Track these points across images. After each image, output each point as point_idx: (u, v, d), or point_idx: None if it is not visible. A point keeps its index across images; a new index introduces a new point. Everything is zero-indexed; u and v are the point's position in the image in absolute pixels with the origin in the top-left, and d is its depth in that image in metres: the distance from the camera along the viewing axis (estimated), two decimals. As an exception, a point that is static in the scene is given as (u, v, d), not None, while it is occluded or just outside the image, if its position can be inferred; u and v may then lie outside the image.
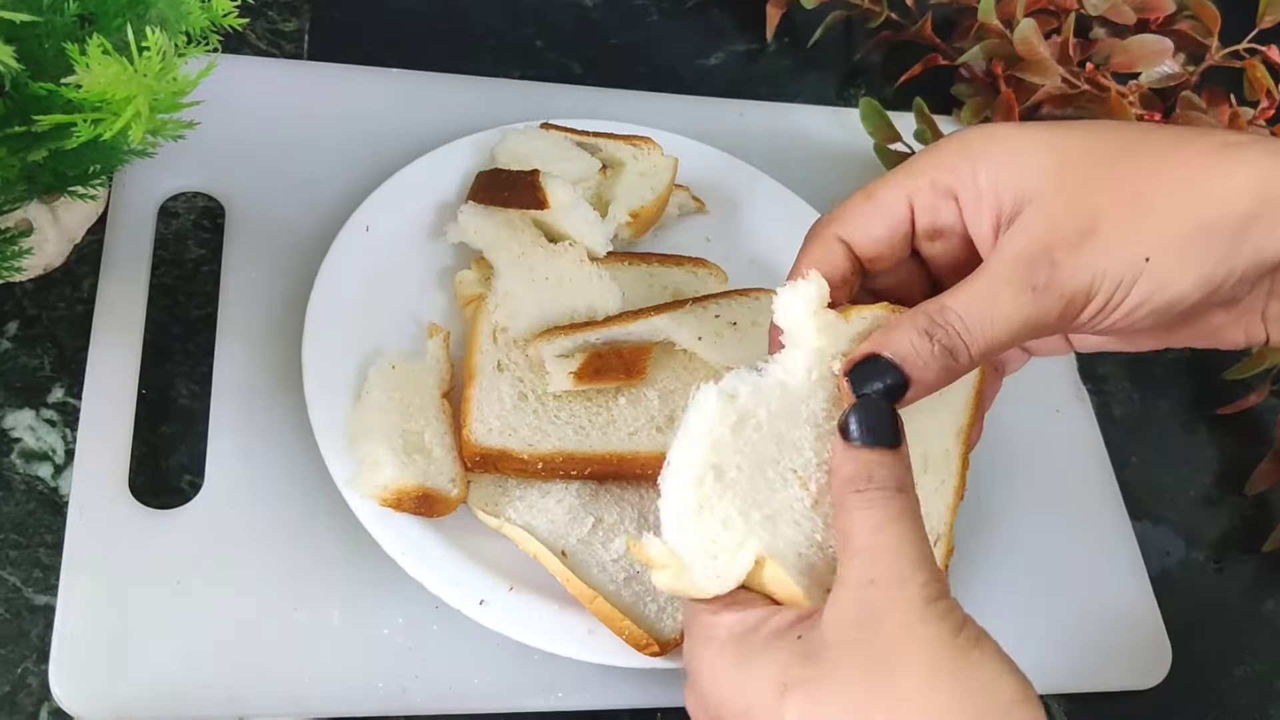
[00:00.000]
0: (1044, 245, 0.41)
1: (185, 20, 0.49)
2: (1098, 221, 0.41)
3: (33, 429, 0.57)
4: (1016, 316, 0.41)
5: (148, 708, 0.50)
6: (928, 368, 0.42)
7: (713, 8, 0.86)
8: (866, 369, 0.42)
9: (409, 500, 0.53)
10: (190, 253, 0.64)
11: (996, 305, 0.41)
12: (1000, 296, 0.41)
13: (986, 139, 0.44)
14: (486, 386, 0.58)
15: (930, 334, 0.42)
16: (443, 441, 0.56)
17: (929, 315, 0.42)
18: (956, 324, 0.42)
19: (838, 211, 0.47)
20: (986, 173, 0.43)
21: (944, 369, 0.42)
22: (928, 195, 0.45)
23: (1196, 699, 0.66)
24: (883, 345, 0.42)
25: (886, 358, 0.42)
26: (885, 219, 0.46)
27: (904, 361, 0.42)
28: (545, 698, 0.55)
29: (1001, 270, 0.42)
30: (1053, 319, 0.41)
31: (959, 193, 0.44)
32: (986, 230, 0.44)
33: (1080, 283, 0.41)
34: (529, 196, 0.62)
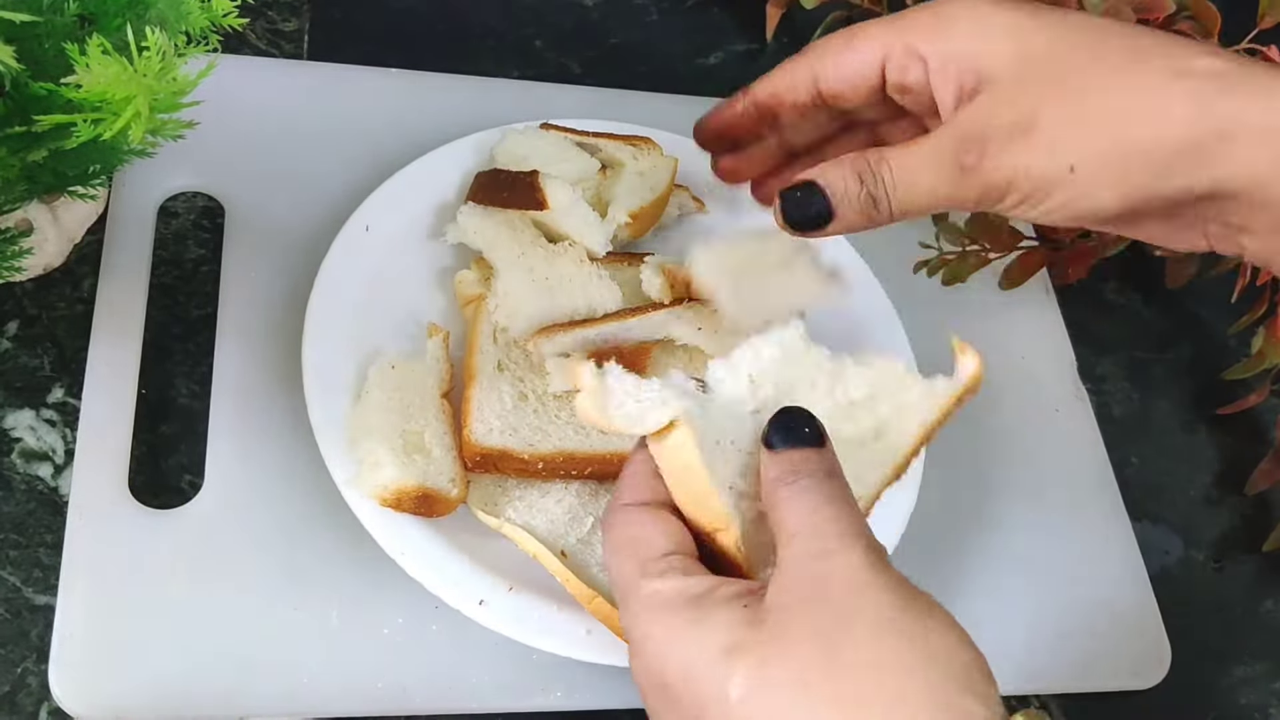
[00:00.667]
0: (981, 130, 0.44)
1: (185, 20, 0.49)
2: (1036, 121, 0.43)
3: (33, 429, 0.57)
4: (937, 188, 0.45)
5: (147, 708, 0.50)
6: (851, 207, 0.46)
7: (712, 7, 0.86)
8: (799, 193, 0.46)
9: (409, 500, 0.53)
10: (190, 252, 0.64)
11: (923, 172, 0.45)
12: (929, 165, 0.45)
13: (964, 9, 0.46)
14: (487, 386, 0.58)
15: (862, 179, 0.45)
16: (442, 441, 0.56)
17: (868, 161, 0.46)
18: (887, 177, 0.45)
19: (819, 47, 0.50)
20: (957, 45, 0.45)
21: (864, 214, 0.46)
22: (901, 55, 0.47)
23: (1196, 699, 0.66)
24: (819, 175, 0.46)
25: (820, 186, 0.46)
26: (858, 67, 0.48)
27: (833, 195, 0.46)
28: (545, 698, 0.55)
29: (940, 142, 0.45)
30: (969, 200, 0.45)
31: (929, 58, 0.46)
32: (949, 100, 0.46)
33: (1001, 175, 0.43)
34: (528, 197, 0.62)
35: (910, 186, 0.45)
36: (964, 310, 0.73)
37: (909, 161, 0.45)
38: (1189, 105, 0.41)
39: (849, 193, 0.45)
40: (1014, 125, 0.43)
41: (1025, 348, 0.74)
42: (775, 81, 0.51)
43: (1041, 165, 0.43)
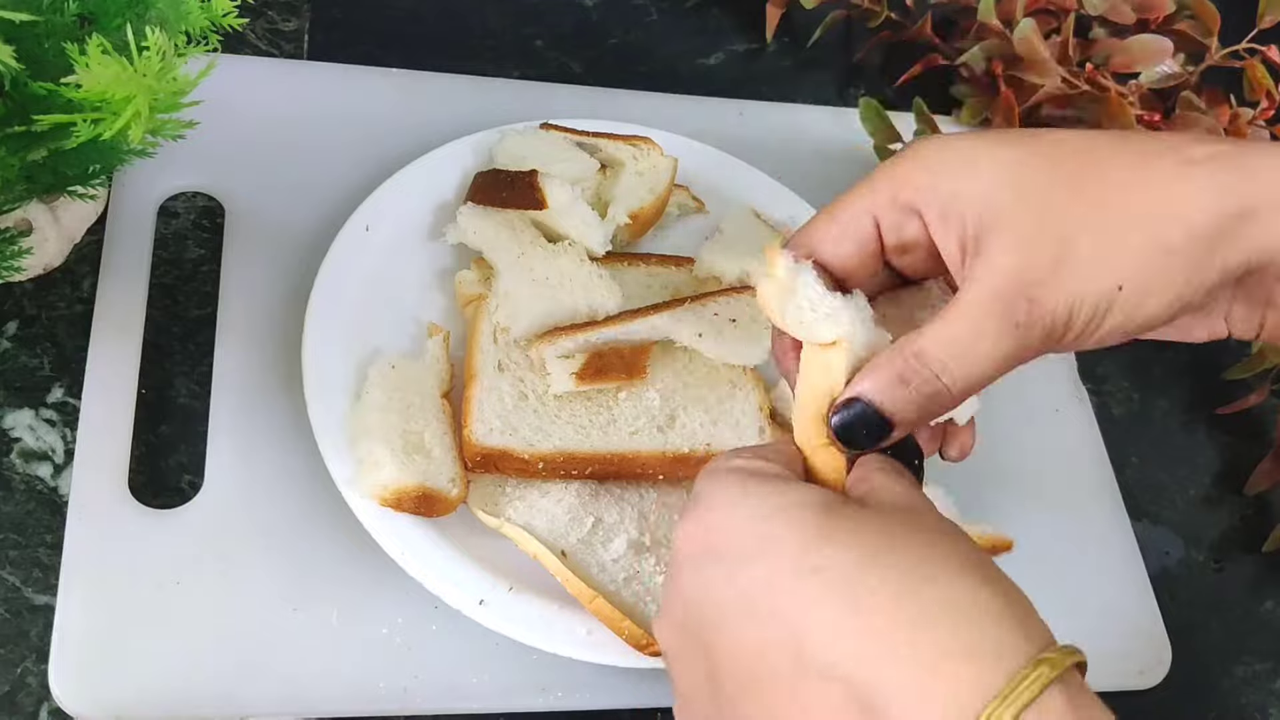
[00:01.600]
0: (1019, 281, 0.41)
1: (185, 20, 0.49)
2: (1067, 250, 0.41)
3: (32, 429, 0.57)
4: (999, 354, 0.42)
5: (147, 707, 0.50)
6: (908, 411, 0.43)
7: (712, 8, 0.86)
8: (851, 416, 0.43)
9: (409, 500, 0.53)
10: (190, 252, 0.64)
11: (978, 346, 0.42)
12: (981, 337, 0.42)
13: (945, 151, 0.44)
14: (487, 386, 0.58)
15: (907, 381, 0.42)
16: (442, 441, 0.56)
17: (906, 361, 0.42)
18: (937, 368, 0.42)
19: (802, 234, 0.47)
20: (949, 190, 0.43)
21: (924, 411, 0.43)
22: (890, 213, 0.45)
23: (1196, 699, 0.66)
24: (861, 390, 0.43)
25: (867, 401, 0.43)
26: (853, 239, 0.45)
27: (883, 407, 0.43)
28: (544, 698, 0.55)
29: (979, 309, 0.42)
30: (1033, 351, 0.42)
31: (922, 210, 0.44)
32: (954, 250, 0.44)
33: (1059, 316, 0.41)
34: (528, 197, 0.62)
35: (970, 366, 0.42)
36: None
37: (956, 345, 0.42)
38: (1209, 192, 0.41)
39: (898, 400, 0.42)
40: (1050, 263, 0.41)
41: (1025, 348, 0.74)
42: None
43: (1091, 293, 0.41)
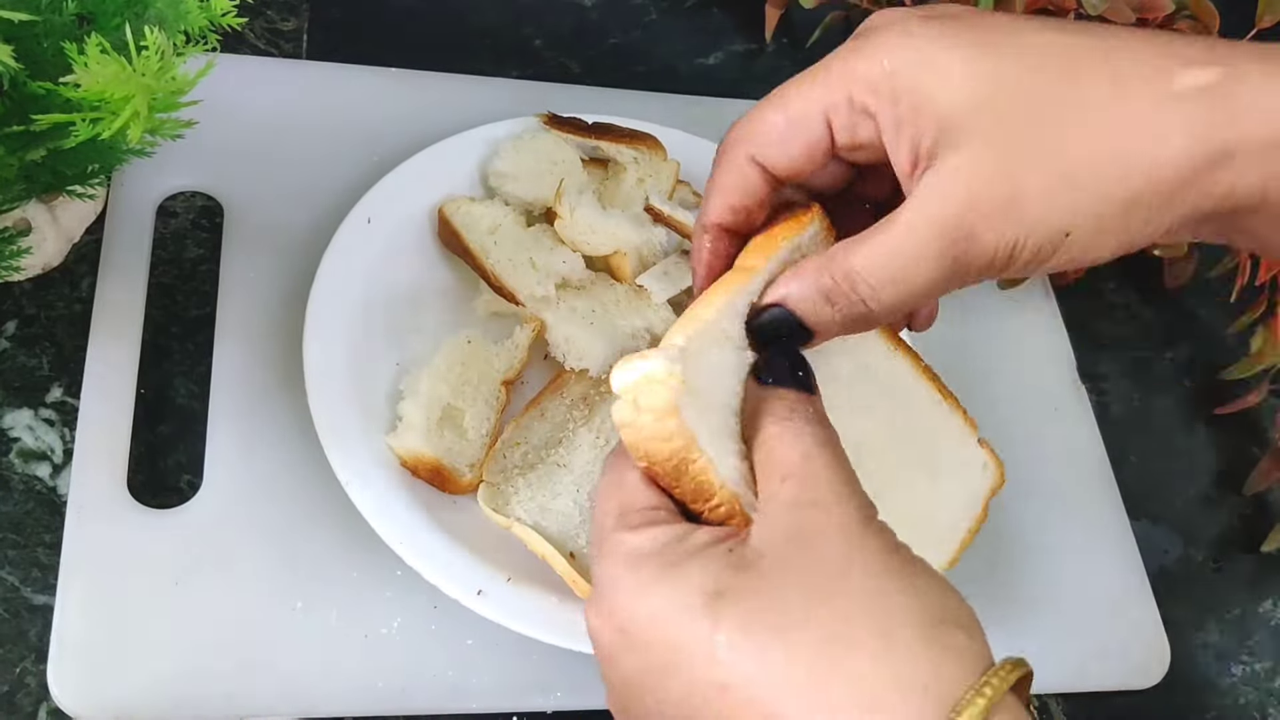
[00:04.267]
0: (966, 214, 0.40)
1: (184, 19, 0.49)
2: (1021, 192, 0.39)
3: (31, 428, 0.57)
4: (931, 283, 0.41)
5: (146, 708, 0.50)
6: (830, 327, 0.42)
7: (711, 8, 0.86)
8: (771, 320, 0.42)
9: (424, 469, 0.55)
10: (189, 252, 0.64)
11: (912, 273, 0.40)
12: (917, 265, 0.40)
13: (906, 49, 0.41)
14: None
15: (833, 301, 0.41)
16: (481, 426, 0.58)
17: (835, 280, 0.41)
18: (865, 292, 0.41)
19: (749, 127, 0.45)
20: (907, 96, 0.40)
21: (847, 329, 0.42)
22: (845, 113, 0.42)
23: (1195, 698, 0.66)
24: (784, 295, 0.42)
25: (789, 309, 0.42)
26: (802, 138, 0.43)
27: (805, 319, 0.42)
28: (545, 698, 0.55)
29: (919, 236, 0.40)
30: (968, 282, 0.41)
31: (877, 114, 0.42)
32: (904, 160, 0.41)
33: (1000, 255, 0.40)
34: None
35: (898, 292, 0.41)
36: (963, 310, 0.73)
37: (890, 266, 0.41)
38: (1186, 134, 0.39)
39: (821, 315, 0.42)
40: (999, 201, 0.39)
41: (1025, 347, 0.74)
42: (723, 195, 0.45)
43: (1035, 235, 0.40)
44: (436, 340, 0.60)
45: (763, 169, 0.45)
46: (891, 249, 0.41)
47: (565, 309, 0.62)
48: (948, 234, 0.40)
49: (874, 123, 0.42)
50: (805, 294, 0.42)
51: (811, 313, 0.42)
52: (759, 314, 0.43)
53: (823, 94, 0.43)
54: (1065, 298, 0.77)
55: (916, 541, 0.40)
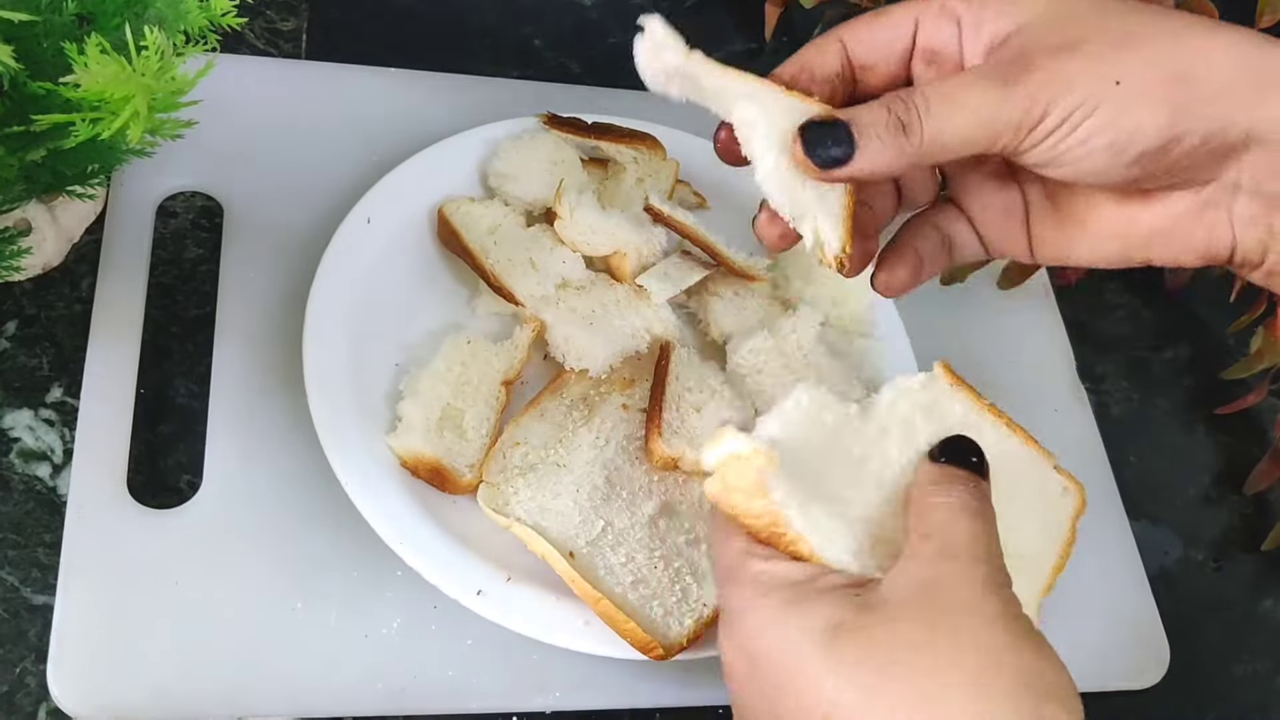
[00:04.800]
0: (1023, 51, 0.42)
1: (183, 19, 0.49)
2: (1080, 43, 0.41)
3: (31, 429, 0.57)
4: (980, 108, 0.41)
5: (146, 708, 0.50)
6: (878, 138, 0.42)
7: (711, 7, 0.86)
8: (819, 129, 0.43)
9: (424, 468, 0.55)
10: (189, 252, 0.64)
11: (963, 91, 0.42)
12: (970, 85, 0.42)
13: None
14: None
15: (890, 106, 0.42)
16: (481, 426, 0.58)
17: (897, 95, 0.42)
18: (919, 101, 0.42)
19: (849, 22, 0.47)
20: (994, 3, 0.44)
21: (894, 144, 0.42)
22: (934, 16, 0.45)
23: (1195, 698, 0.66)
24: (844, 111, 0.43)
25: (844, 121, 0.42)
26: (889, 31, 0.46)
27: (855, 125, 0.42)
28: (544, 698, 0.55)
29: (981, 67, 0.43)
30: (1014, 121, 0.41)
31: (962, 17, 0.45)
32: (979, 54, 0.44)
33: (1046, 87, 0.41)
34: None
35: (949, 109, 0.42)
36: (963, 310, 0.73)
37: (945, 86, 0.42)
38: (1231, 49, 0.41)
39: (875, 124, 0.42)
40: (1059, 45, 0.41)
41: (1024, 347, 0.74)
42: (802, 57, 0.47)
43: (1087, 78, 0.41)
44: (436, 341, 0.60)
45: (843, 49, 0.47)
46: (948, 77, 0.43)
47: (565, 309, 0.62)
48: (1002, 62, 0.42)
49: (956, 27, 0.45)
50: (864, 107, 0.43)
51: (865, 121, 0.42)
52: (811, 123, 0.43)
53: (916, 2, 0.46)
54: (1065, 298, 0.77)
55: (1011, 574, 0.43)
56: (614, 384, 0.61)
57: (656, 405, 0.58)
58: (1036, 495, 0.50)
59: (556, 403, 0.60)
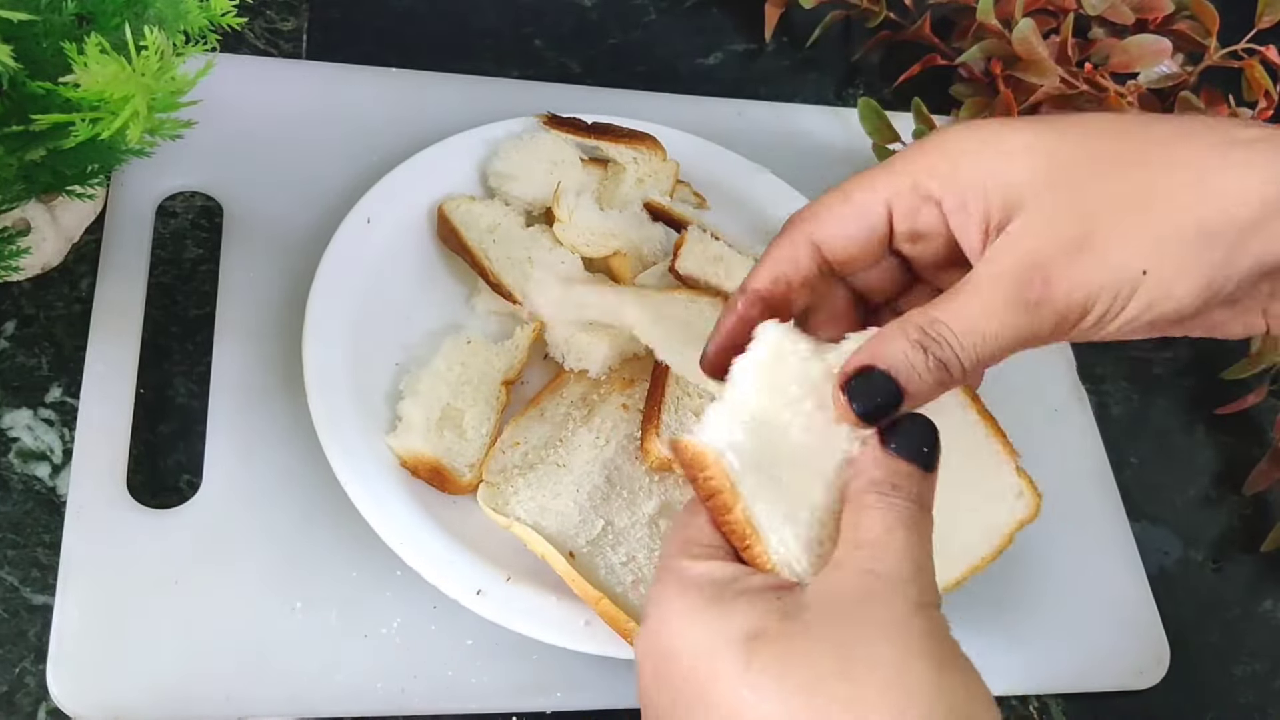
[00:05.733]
0: (1036, 259, 0.40)
1: (183, 19, 0.49)
2: (1092, 231, 0.39)
3: (30, 428, 0.57)
4: (1009, 332, 0.40)
5: (145, 708, 0.50)
6: (922, 380, 0.41)
7: (711, 7, 0.86)
8: (862, 384, 0.41)
9: (423, 469, 0.55)
10: (188, 252, 0.64)
11: (989, 320, 0.40)
12: (992, 311, 0.40)
13: (970, 139, 0.42)
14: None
15: (924, 346, 0.40)
16: (481, 426, 0.58)
17: (920, 327, 0.41)
18: (949, 337, 0.40)
19: (810, 210, 0.45)
20: (972, 177, 0.41)
21: (937, 382, 0.41)
22: (908, 200, 0.43)
23: (1195, 699, 0.66)
24: (876, 357, 0.41)
25: (881, 370, 0.41)
26: (861, 222, 0.44)
27: (898, 374, 0.41)
28: (544, 698, 0.55)
29: (992, 283, 0.40)
30: (1045, 333, 0.40)
31: (942, 199, 0.42)
32: (975, 238, 0.42)
33: (1075, 299, 0.40)
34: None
35: (980, 340, 0.40)
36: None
37: (967, 313, 0.40)
38: (1254, 174, 0.39)
39: (915, 367, 0.40)
40: (1071, 243, 0.39)
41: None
42: (774, 264, 0.45)
43: (1113, 276, 0.39)
44: (436, 340, 0.60)
45: (817, 250, 0.45)
46: (966, 297, 0.41)
47: (565, 310, 0.62)
48: (1022, 276, 0.40)
49: (938, 209, 0.43)
50: (895, 348, 0.41)
51: (905, 366, 0.41)
52: (851, 379, 0.41)
53: (886, 183, 0.44)
54: (1065, 298, 0.77)
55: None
56: (614, 384, 0.61)
57: (655, 407, 0.58)
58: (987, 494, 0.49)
59: (556, 402, 0.60)
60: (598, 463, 0.57)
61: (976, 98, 0.81)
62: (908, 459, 0.41)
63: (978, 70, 0.83)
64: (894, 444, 0.41)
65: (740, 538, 0.42)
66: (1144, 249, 0.39)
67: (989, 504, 0.49)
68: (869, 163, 0.77)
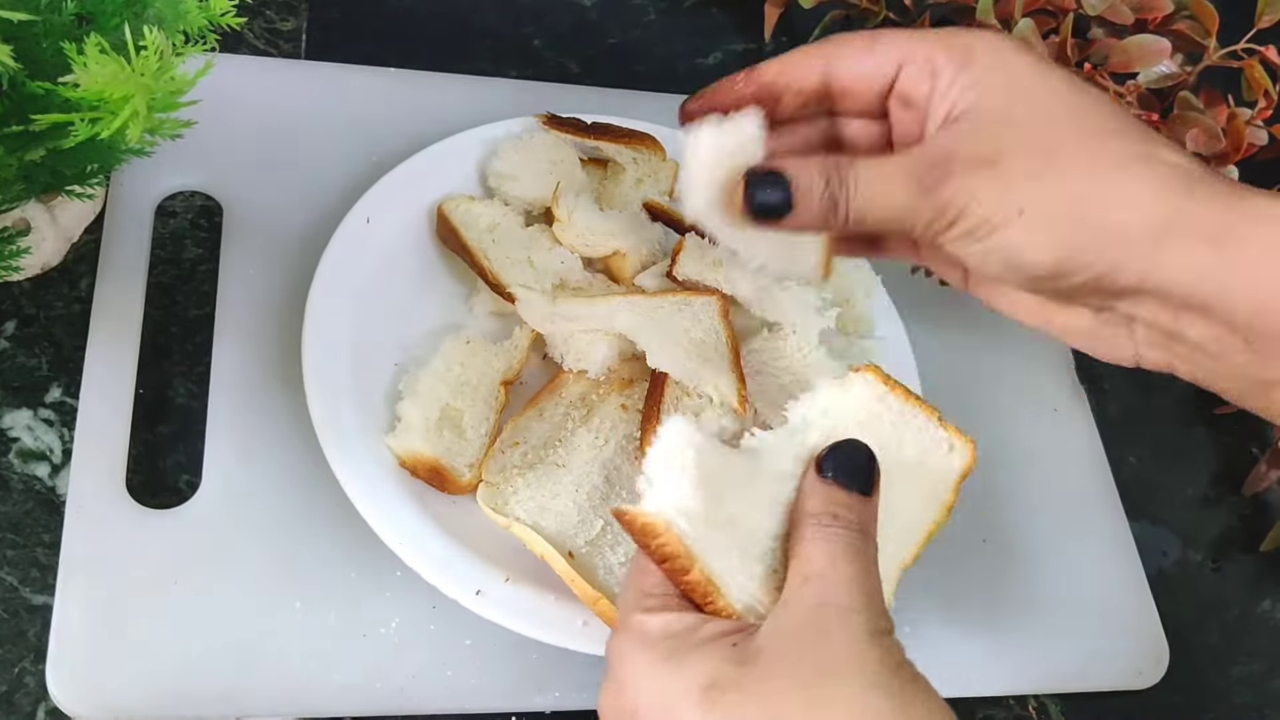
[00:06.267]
0: (948, 155, 0.43)
1: (183, 19, 0.49)
2: (1002, 158, 0.43)
3: (30, 428, 0.57)
4: (894, 203, 0.44)
5: (145, 708, 0.50)
6: (810, 204, 0.45)
7: (710, 7, 0.86)
8: (766, 178, 0.45)
9: (423, 468, 0.55)
10: (188, 252, 0.64)
11: (886, 184, 0.44)
12: (893, 179, 0.44)
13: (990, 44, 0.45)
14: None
15: (826, 178, 0.44)
16: (480, 426, 0.58)
17: (837, 164, 0.45)
18: (850, 181, 0.44)
19: (834, 39, 0.49)
20: (966, 74, 0.45)
21: (822, 214, 0.45)
22: (919, 65, 0.46)
23: (1194, 699, 0.66)
24: (788, 165, 0.45)
25: (787, 176, 0.45)
26: (874, 63, 0.47)
27: (796, 188, 0.45)
28: (543, 698, 0.55)
29: (906, 159, 0.45)
30: (921, 220, 0.44)
31: (939, 75, 0.46)
32: (938, 117, 0.46)
33: (955, 201, 0.43)
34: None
35: (870, 195, 0.44)
36: (962, 309, 0.73)
37: (874, 172, 0.45)
38: (1147, 195, 0.41)
39: (813, 189, 0.45)
40: (980, 158, 0.43)
41: (1023, 347, 0.74)
42: (785, 64, 0.49)
43: (994, 200, 0.42)
44: (436, 341, 0.60)
45: (826, 71, 0.48)
46: (882, 161, 0.45)
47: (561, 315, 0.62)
48: (929, 163, 0.44)
49: (933, 83, 0.46)
50: (805, 167, 0.45)
51: (805, 184, 0.45)
52: (756, 174, 0.45)
53: (911, 43, 0.47)
54: (1064, 298, 0.77)
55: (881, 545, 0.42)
56: (613, 384, 0.61)
57: (654, 407, 0.58)
58: (919, 463, 0.48)
59: (555, 403, 0.60)
60: (597, 463, 0.57)
61: (976, 98, 0.81)
62: (844, 487, 0.43)
63: (977, 70, 0.83)
64: (830, 472, 0.44)
65: (702, 595, 0.42)
66: (1029, 197, 0.42)
67: (924, 468, 0.48)
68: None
